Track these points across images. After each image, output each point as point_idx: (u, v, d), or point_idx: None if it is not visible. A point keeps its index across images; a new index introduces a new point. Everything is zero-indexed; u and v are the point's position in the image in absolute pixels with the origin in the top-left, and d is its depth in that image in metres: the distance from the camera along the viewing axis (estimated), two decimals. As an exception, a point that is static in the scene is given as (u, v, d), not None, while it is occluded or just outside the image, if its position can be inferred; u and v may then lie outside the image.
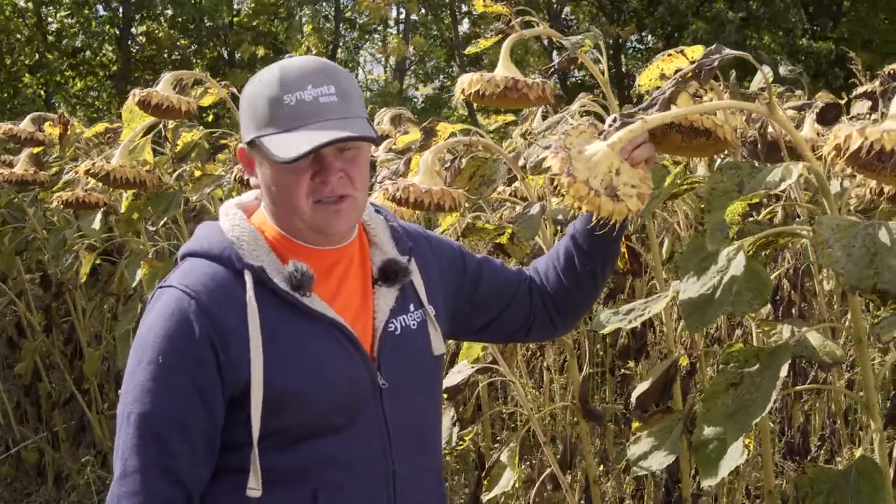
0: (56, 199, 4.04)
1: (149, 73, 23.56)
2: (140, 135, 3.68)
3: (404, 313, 1.89)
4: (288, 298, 1.74)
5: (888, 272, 1.61)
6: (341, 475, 1.76)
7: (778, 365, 1.89)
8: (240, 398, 1.70)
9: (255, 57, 23.79)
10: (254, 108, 1.75)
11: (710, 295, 1.88)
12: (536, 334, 2.21)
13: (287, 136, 1.69)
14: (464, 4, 27.91)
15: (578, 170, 1.76)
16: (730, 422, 1.88)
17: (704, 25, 22.51)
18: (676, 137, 1.92)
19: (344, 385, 1.77)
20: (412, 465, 1.85)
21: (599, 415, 2.90)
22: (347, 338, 1.78)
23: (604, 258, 2.07)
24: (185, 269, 1.77)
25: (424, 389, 1.93)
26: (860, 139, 1.62)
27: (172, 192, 3.79)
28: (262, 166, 1.78)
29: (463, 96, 2.41)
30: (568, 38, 2.53)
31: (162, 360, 1.67)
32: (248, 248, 1.76)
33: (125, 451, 1.67)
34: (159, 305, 1.73)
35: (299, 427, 1.73)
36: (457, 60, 28.12)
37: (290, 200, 1.75)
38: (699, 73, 1.92)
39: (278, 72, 1.73)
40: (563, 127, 1.85)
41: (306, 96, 1.70)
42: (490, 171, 2.72)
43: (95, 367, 5.13)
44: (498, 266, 2.14)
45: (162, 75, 3.46)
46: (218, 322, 1.69)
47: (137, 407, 1.67)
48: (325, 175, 1.73)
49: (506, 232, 2.88)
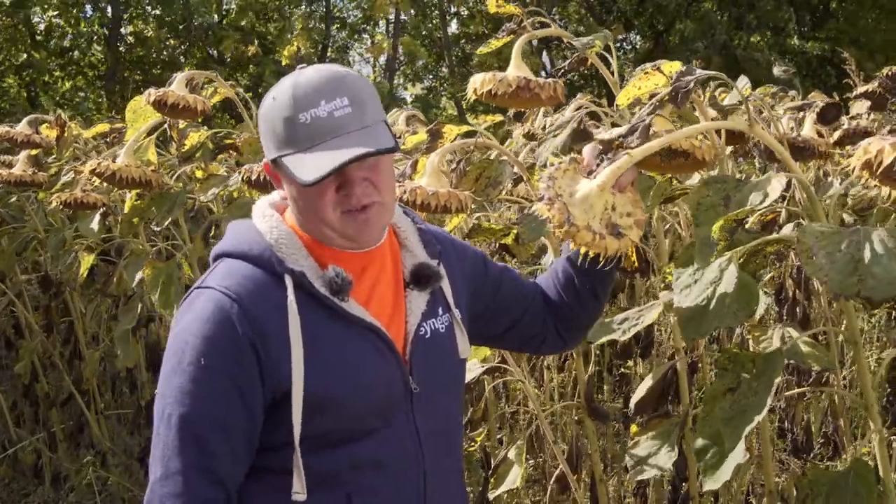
0: (55, 200, 4.04)
1: (138, 74, 23.50)
2: (144, 135, 3.69)
3: (434, 317, 1.91)
4: (326, 303, 1.75)
5: (871, 279, 1.62)
6: (375, 478, 1.78)
7: (773, 370, 1.91)
8: (280, 400, 1.71)
9: (244, 56, 23.76)
10: (272, 128, 1.75)
11: (704, 307, 1.91)
12: (548, 347, 2.23)
13: (307, 155, 1.70)
14: (452, 5, 27.93)
15: (577, 217, 1.77)
16: (727, 427, 1.90)
17: (693, 25, 22.59)
18: (655, 158, 1.94)
19: (380, 389, 1.79)
20: (441, 467, 1.88)
21: (605, 413, 2.93)
22: (383, 341, 1.80)
23: (602, 276, 2.09)
24: (224, 271, 1.78)
25: (451, 392, 1.96)
26: (894, 153, 1.62)
27: (176, 192, 3.79)
28: (286, 183, 1.79)
29: (475, 96, 2.43)
30: (578, 39, 2.55)
31: (203, 361, 1.68)
32: (288, 251, 1.77)
33: (166, 451, 1.68)
34: (198, 307, 1.73)
35: (336, 431, 1.75)
36: (446, 60, 28.15)
37: (318, 214, 1.76)
38: (675, 97, 1.93)
39: (290, 90, 1.73)
40: (546, 171, 1.85)
41: (321, 112, 1.70)
42: (496, 173, 2.74)
43: (95, 367, 5.13)
44: (517, 275, 2.17)
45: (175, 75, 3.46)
46: (259, 324, 1.70)
47: (178, 408, 1.68)
48: (349, 188, 1.75)
49: (511, 232, 2.91)
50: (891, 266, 1.62)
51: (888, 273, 1.61)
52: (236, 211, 3.65)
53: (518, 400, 4.25)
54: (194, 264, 4.16)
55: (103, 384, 5.65)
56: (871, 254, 1.65)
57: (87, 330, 5.40)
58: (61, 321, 5.46)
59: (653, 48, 24.74)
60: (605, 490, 2.94)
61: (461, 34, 28.87)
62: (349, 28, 28.29)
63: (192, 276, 4.12)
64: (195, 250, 4.14)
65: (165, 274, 3.82)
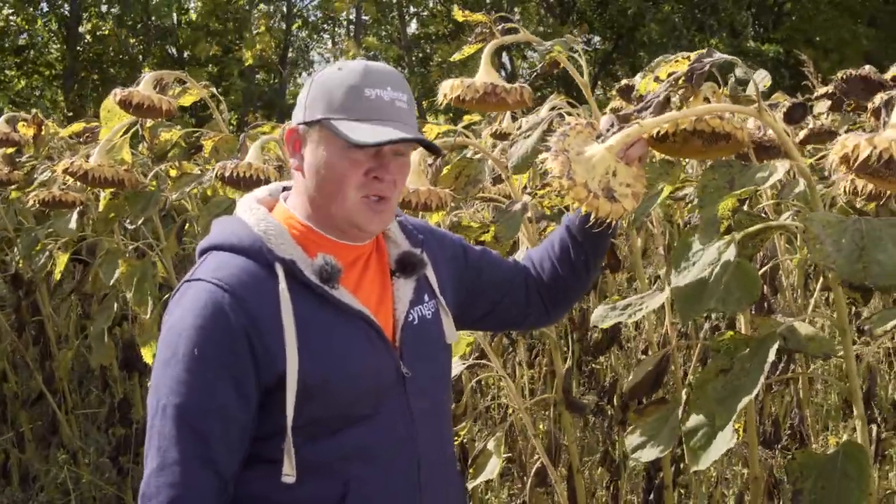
0: (32, 199, 4.04)
1: (95, 73, 23.30)
2: (119, 134, 3.71)
3: (420, 304, 1.96)
4: (317, 291, 1.78)
5: (876, 266, 1.70)
6: (370, 464, 1.81)
7: (766, 350, 1.96)
8: (273, 388, 1.74)
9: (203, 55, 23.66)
10: (328, 92, 1.80)
11: (701, 286, 1.96)
12: (532, 322, 2.29)
13: (360, 124, 1.76)
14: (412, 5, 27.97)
15: (577, 172, 1.84)
16: (720, 406, 1.95)
17: (657, 28, 22.81)
18: (698, 143, 2.00)
19: (371, 375, 1.82)
20: (434, 453, 1.92)
21: (582, 406, 2.99)
22: (373, 329, 1.84)
23: (596, 249, 2.16)
24: (213, 263, 1.80)
25: (440, 376, 2.01)
26: (869, 148, 1.70)
27: (150, 191, 3.80)
28: (317, 147, 1.82)
29: (445, 100, 2.49)
30: (542, 43, 2.61)
31: (198, 351, 1.70)
32: (277, 241, 1.80)
33: (162, 442, 1.70)
34: (189, 299, 1.76)
35: (328, 417, 1.78)
36: (406, 60, 28.19)
37: (340, 187, 1.80)
38: (691, 77, 2.02)
39: (363, 66, 1.81)
40: (562, 128, 1.92)
41: (385, 95, 1.79)
42: (475, 171, 2.80)
43: (67, 366, 5.12)
44: (496, 257, 2.22)
45: (143, 75, 3.49)
46: (252, 313, 1.72)
47: (174, 399, 1.70)
48: (382, 172, 1.80)
49: (490, 230, 2.96)
50: (894, 254, 1.70)
51: (892, 261, 1.69)
52: (213, 209, 3.66)
53: (492, 395, 4.32)
54: (168, 262, 4.18)
55: (70, 382, 5.62)
56: (874, 242, 1.73)
57: (58, 329, 5.38)
58: (31, 320, 5.43)
59: (612, 49, 24.96)
60: (581, 482, 3.00)
61: (421, 34, 28.92)
62: (310, 27, 28.24)
63: (164, 274, 4.14)
64: (169, 248, 4.16)
65: (140, 272, 3.83)
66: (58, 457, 5.00)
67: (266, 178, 3.10)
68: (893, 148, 1.68)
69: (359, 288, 1.88)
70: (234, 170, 3.18)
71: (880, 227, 1.77)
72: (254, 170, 3.14)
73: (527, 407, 3.09)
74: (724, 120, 1.99)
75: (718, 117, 1.98)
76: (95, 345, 4.32)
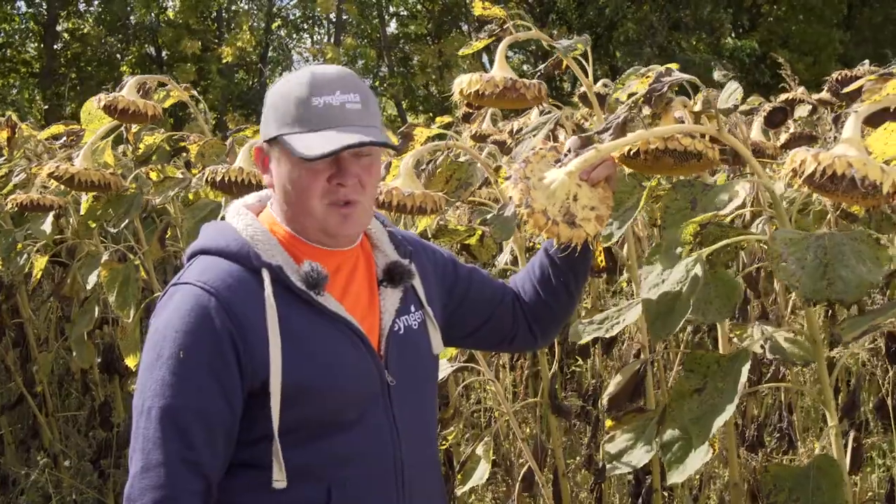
0: (10, 202, 4.01)
1: (74, 71, 23.16)
2: (101, 137, 3.69)
3: (407, 314, 1.96)
4: (303, 296, 1.79)
5: (840, 282, 1.72)
6: (353, 469, 1.81)
7: (738, 370, 1.98)
8: (257, 393, 1.75)
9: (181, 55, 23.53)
10: (279, 107, 1.80)
11: (671, 305, 1.98)
12: (519, 344, 2.28)
13: (311, 135, 1.75)
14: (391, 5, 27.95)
15: (537, 200, 1.86)
16: (696, 426, 1.97)
17: (634, 27, 22.87)
18: (669, 161, 2.02)
19: (355, 381, 1.83)
20: (417, 459, 1.92)
21: (567, 410, 3.00)
22: (358, 336, 1.85)
23: (575, 271, 2.16)
24: (200, 267, 1.81)
25: (426, 386, 2.02)
26: (814, 164, 1.73)
27: (133, 194, 3.78)
28: (279, 164, 1.83)
29: (461, 96, 2.47)
30: (559, 42, 2.60)
31: (182, 354, 1.71)
32: (264, 247, 1.81)
33: (146, 444, 1.70)
34: (176, 302, 1.77)
35: (313, 423, 1.79)
36: (385, 60, 28.17)
37: (305, 199, 1.80)
38: (650, 99, 2.05)
39: (309, 75, 1.80)
40: (524, 154, 1.94)
41: (334, 101, 1.78)
42: (466, 175, 2.79)
43: (48, 369, 5.08)
44: (485, 275, 2.23)
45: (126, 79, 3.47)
46: (237, 317, 1.73)
47: (158, 401, 1.70)
48: (342, 178, 1.80)
49: (476, 234, 2.96)
50: (857, 269, 1.71)
51: (855, 276, 1.71)
52: (196, 212, 3.65)
53: (478, 399, 4.31)
54: (150, 266, 4.15)
55: (50, 385, 5.59)
56: (837, 258, 1.74)
57: (38, 332, 5.34)
58: (11, 323, 5.39)
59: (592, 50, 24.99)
60: (567, 486, 3.01)
61: (400, 34, 28.92)
62: (290, 26, 28.18)
63: (147, 278, 4.11)
64: (151, 252, 4.14)
65: (123, 275, 3.81)
66: (38, 460, 4.96)
67: (257, 182, 3.09)
68: (836, 164, 1.71)
69: (345, 295, 1.88)
70: (226, 174, 3.17)
71: (843, 242, 1.79)
72: (245, 174, 3.14)
73: (515, 410, 3.10)
74: (695, 139, 2.00)
75: (689, 136, 2.00)
76: (76, 348, 4.30)
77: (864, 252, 1.78)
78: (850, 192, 1.73)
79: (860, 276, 1.72)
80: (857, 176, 1.70)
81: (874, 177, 1.70)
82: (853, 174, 1.70)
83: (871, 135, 1.92)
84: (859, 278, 1.72)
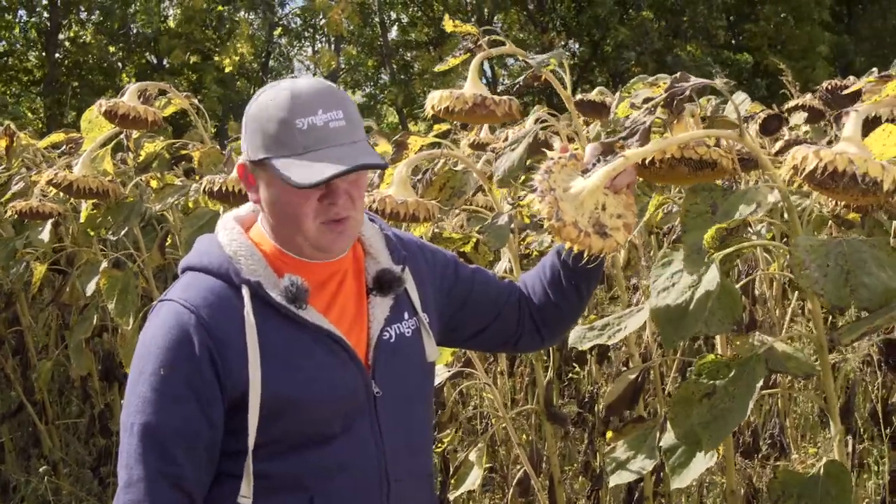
0: (10, 210, 4.04)
1: (75, 80, 23.20)
2: (100, 145, 3.71)
3: (398, 322, 1.95)
4: (283, 311, 1.79)
5: (864, 289, 1.73)
6: (337, 482, 1.81)
7: (752, 376, 1.97)
8: (238, 407, 1.75)
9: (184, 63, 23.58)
10: (263, 129, 1.77)
11: (683, 309, 1.96)
12: (524, 345, 2.26)
13: (300, 161, 1.73)
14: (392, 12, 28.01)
15: (566, 212, 1.84)
16: (706, 430, 1.96)
17: (628, 32, 22.91)
18: (684, 170, 2.01)
19: (339, 394, 1.82)
20: (405, 471, 1.91)
21: (563, 417, 3.01)
22: (342, 348, 1.84)
23: (588, 274, 2.12)
24: (185, 283, 1.83)
25: (417, 395, 1.99)
26: (815, 160, 1.75)
27: (133, 202, 3.80)
28: (267, 187, 1.81)
29: (433, 112, 2.50)
30: (534, 57, 2.63)
31: (163, 371, 1.73)
32: (246, 262, 1.81)
33: (129, 460, 1.72)
34: (160, 318, 1.78)
35: (295, 435, 1.79)
36: (386, 68, 28.22)
37: (298, 222, 1.80)
38: (671, 102, 2.01)
39: (289, 95, 1.76)
40: (545, 164, 1.91)
41: (318, 121, 1.74)
42: (460, 183, 2.81)
43: (47, 378, 5.10)
44: (489, 276, 2.21)
45: (127, 86, 3.49)
46: (216, 335, 1.74)
47: (140, 417, 1.72)
48: (333, 197, 1.79)
49: (471, 241, 2.97)
50: (879, 276, 1.73)
51: (879, 283, 1.73)
52: (194, 220, 3.67)
53: (474, 404, 4.33)
54: (150, 274, 4.17)
55: (51, 393, 5.61)
56: (859, 265, 1.76)
57: (38, 340, 5.36)
58: (9, 331, 5.41)
59: (591, 55, 25.07)
60: (563, 492, 3.02)
61: (402, 41, 28.96)
62: (291, 34, 28.23)
63: (146, 286, 4.13)
64: (151, 259, 4.15)
65: (122, 283, 3.84)
66: (38, 468, 4.98)
67: (255, 192, 3.10)
68: (838, 161, 1.73)
69: (331, 307, 1.88)
70: (223, 184, 3.18)
71: (861, 249, 1.80)
72: (242, 184, 3.15)
73: (511, 417, 3.11)
74: (710, 147, 2.00)
75: (705, 144, 2.00)
76: (74, 355, 4.31)
77: (882, 259, 1.80)
78: (850, 188, 1.74)
79: (883, 283, 1.74)
80: (857, 172, 1.71)
81: (874, 173, 1.72)
82: (854, 171, 1.71)
83: (869, 136, 1.93)
84: (883, 285, 1.74)
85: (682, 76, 2.04)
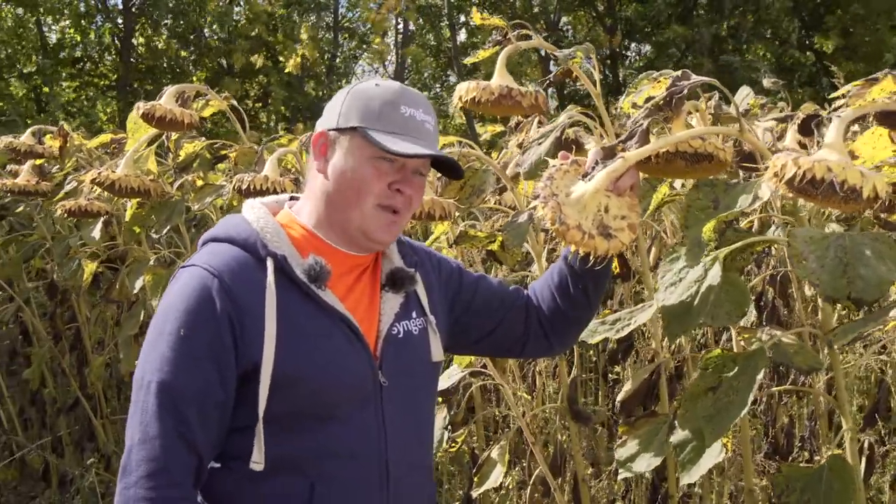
0: (59, 208, 4.15)
1: (148, 84, 23.64)
2: (144, 145, 3.80)
3: (407, 319, 2.01)
4: (304, 289, 1.85)
5: (860, 281, 1.72)
6: (338, 466, 1.85)
7: (754, 369, 1.98)
8: (250, 376, 1.79)
9: (251, 66, 23.88)
10: (365, 104, 1.90)
11: (688, 304, 1.97)
12: (532, 351, 2.30)
13: (393, 137, 1.86)
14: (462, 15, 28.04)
15: (569, 216, 1.88)
16: (709, 424, 1.97)
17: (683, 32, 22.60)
18: (681, 163, 2.03)
19: (348, 377, 1.87)
20: (405, 460, 1.95)
21: (587, 416, 3.00)
22: (354, 333, 1.89)
23: (595, 279, 2.16)
24: (209, 252, 1.88)
25: (421, 391, 2.05)
26: (794, 168, 1.75)
27: (175, 200, 3.89)
28: (346, 154, 1.91)
29: (460, 103, 2.53)
30: (561, 51, 2.63)
31: (183, 332, 1.76)
32: (272, 238, 1.88)
33: (144, 417, 1.75)
34: (181, 282, 1.83)
35: (300, 413, 1.83)
36: (454, 69, 28.26)
37: (360, 195, 1.89)
38: (670, 102, 2.03)
39: (399, 87, 1.94)
40: (547, 171, 1.95)
41: (418, 115, 1.92)
42: (479, 182, 2.83)
43: (100, 372, 5.23)
44: (494, 283, 2.26)
45: (166, 88, 3.58)
46: (237, 300, 1.79)
47: (158, 375, 1.75)
48: (403, 186, 1.90)
49: (497, 239, 2.99)
50: (878, 269, 1.72)
51: (875, 275, 1.71)
52: (235, 219, 3.73)
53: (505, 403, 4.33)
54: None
55: (109, 389, 5.75)
56: (858, 257, 1.75)
57: (93, 336, 5.50)
58: (66, 327, 5.56)
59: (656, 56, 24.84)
60: (587, 492, 3.02)
61: (469, 43, 28.99)
62: (357, 38, 28.43)
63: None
64: (195, 257, 4.23)
65: (166, 280, 3.92)
66: (89, 462, 5.11)
67: (283, 190, 3.16)
68: (816, 169, 1.72)
69: (348, 296, 1.94)
70: (252, 182, 3.25)
71: (863, 242, 1.79)
72: (270, 182, 3.22)
73: (543, 416, 3.12)
74: (705, 140, 2.01)
75: (700, 138, 2.00)
76: (123, 350, 4.43)
77: (884, 252, 1.78)
78: (829, 196, 1.73)
79: (880, 276, 1.73)
80: (836, 180, 1.71)
81: (853, 181, 1.71)
82: (832, 179, 1.71)
83: (859, 139, 1.91)
84: (879, 277, 1.72)
85: (683, 74, 2.04)
